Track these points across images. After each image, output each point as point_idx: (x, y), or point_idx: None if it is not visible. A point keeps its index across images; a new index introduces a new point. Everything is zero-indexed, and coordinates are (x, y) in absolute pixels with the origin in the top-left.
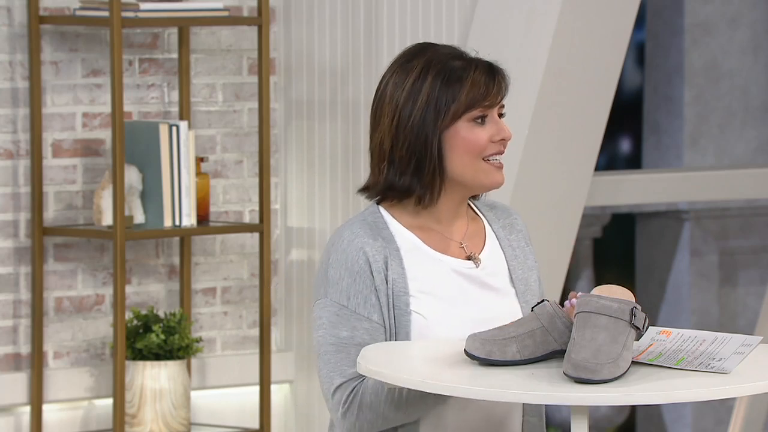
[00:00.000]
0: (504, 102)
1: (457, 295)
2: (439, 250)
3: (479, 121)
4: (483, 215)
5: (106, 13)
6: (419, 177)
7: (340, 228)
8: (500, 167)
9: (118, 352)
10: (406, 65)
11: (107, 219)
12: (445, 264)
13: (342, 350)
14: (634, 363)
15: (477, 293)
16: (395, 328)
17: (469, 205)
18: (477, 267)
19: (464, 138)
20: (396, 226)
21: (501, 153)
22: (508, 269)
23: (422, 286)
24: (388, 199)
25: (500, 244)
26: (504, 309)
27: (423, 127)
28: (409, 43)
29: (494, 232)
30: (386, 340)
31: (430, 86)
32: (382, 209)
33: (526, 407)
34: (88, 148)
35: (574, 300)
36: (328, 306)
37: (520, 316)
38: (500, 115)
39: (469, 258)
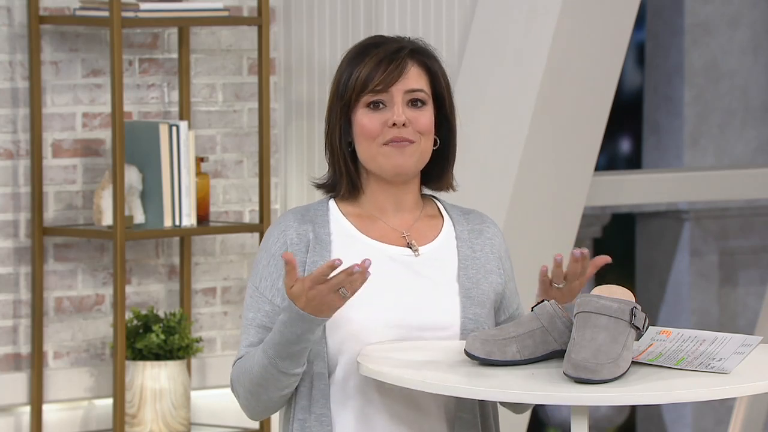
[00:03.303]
0: (415, 89)
1: (387, 280)
2: (376, 237)
3: (374, 106)
4: (450, 216)
5: (106, 13)
6: (333, 167)
7: None
8: (401, 147)
9: (118, 352)
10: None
11: (107, 219)
12: (379, 250)
13: (245, 330)
14: (634, 363)
15: (412, 281)
16: None
17: (436, 205)
18: (416, 256)
19: (359, 123)
20: (336, 214)
21: (400, 140)
22: (458, 267)
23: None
24: (329, 192)
25: (457, 244)
26: (439, 300)
27: (331, 113)
28: None
29: (455, 232)
30: None
31: (339, 72)
32: (331, 200)
33: (457, 404)
34: (88, 148)
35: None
36: (248, 288)
37: (456, 310)
38: (413, 102)
39: (408, 245)
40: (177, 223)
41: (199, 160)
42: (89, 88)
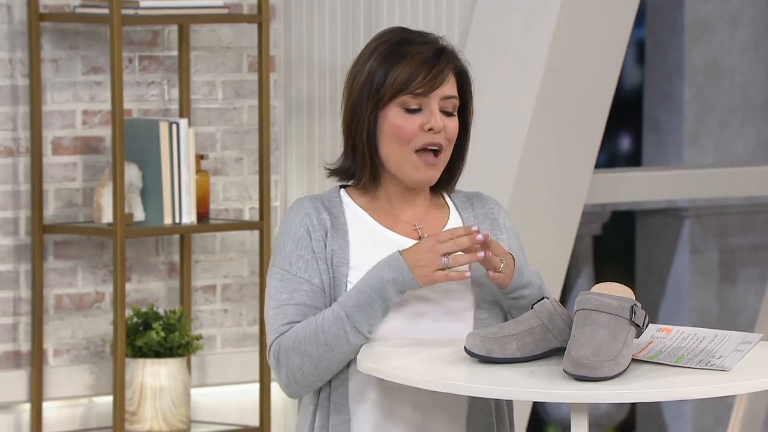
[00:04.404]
0: (450, 96)
1: None
2: (389, 227)
3: (412, 109)
4: (455, 204)
5: (106, 11)
6: (354, 157)
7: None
8: (433, 164)
9: (118, 349)
10: (371, 44)
11: (107, 216)
12: (393, 241)
13: (280, 312)
14: (633, 360)
15: None
16: (333, 296)
17: (440, 193)
18: None
19: (392, 123)
20: (350, 204)
21: (434, 145)
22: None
23: (364, 260)
24: (343, 179)
25: None
26: (452, 289)
27: (359, 106)
28: None
29: (462, 220)
30: (325, 304)
31: (371, 65)
32: (342, 190)
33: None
34: (88, 146)
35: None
36: (274, 274)
37: (470, 298)
38: (447, 113)
39: (420, 238)
40: (177, 220)
41: (199, 157)
42: (89, 86)
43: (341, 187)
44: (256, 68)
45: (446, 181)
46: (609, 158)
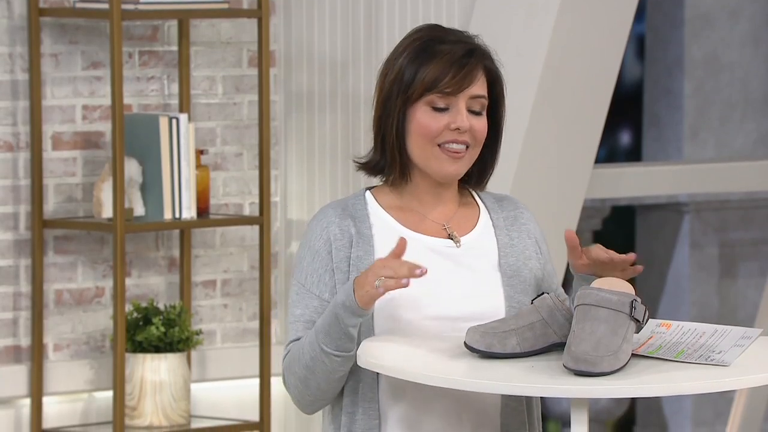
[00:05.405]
0: (479, 95)
1: (431, 272)
2: (416, 229)
3: (440, 108)
4: (485, 204)
5: (105, 6)
6: (383, 153)
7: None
8: (457, 157)
9: (118, 344)
10: (404, 41)
11: (107, 211)
12: (420, 242)
13: (291, 328)
14: (633, 355)
15: (455, 272)
16: None
17: (470, 192)
18: (457, 247)
19: (419, 121)
20: (374, 207)
21: (459, 143)
22: (498, 255)
23: None
24: (372, 174)
25: (495, 232)
26: (483, 290)
27: (388, 102)
28: None
29: (492, 220)
30: None
31: (402, 62)
32: (367, 192)
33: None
34: (88, 141)
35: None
36: (293, 286)
37: (501, 299)
38: (474, 112)
39: (449, 238)
40: (177, 215)
41: (199, 152)
42: (89, 81)
43: (368, 188)
44: (256, 63)
45: (477, 179)
46: (609, 153)
